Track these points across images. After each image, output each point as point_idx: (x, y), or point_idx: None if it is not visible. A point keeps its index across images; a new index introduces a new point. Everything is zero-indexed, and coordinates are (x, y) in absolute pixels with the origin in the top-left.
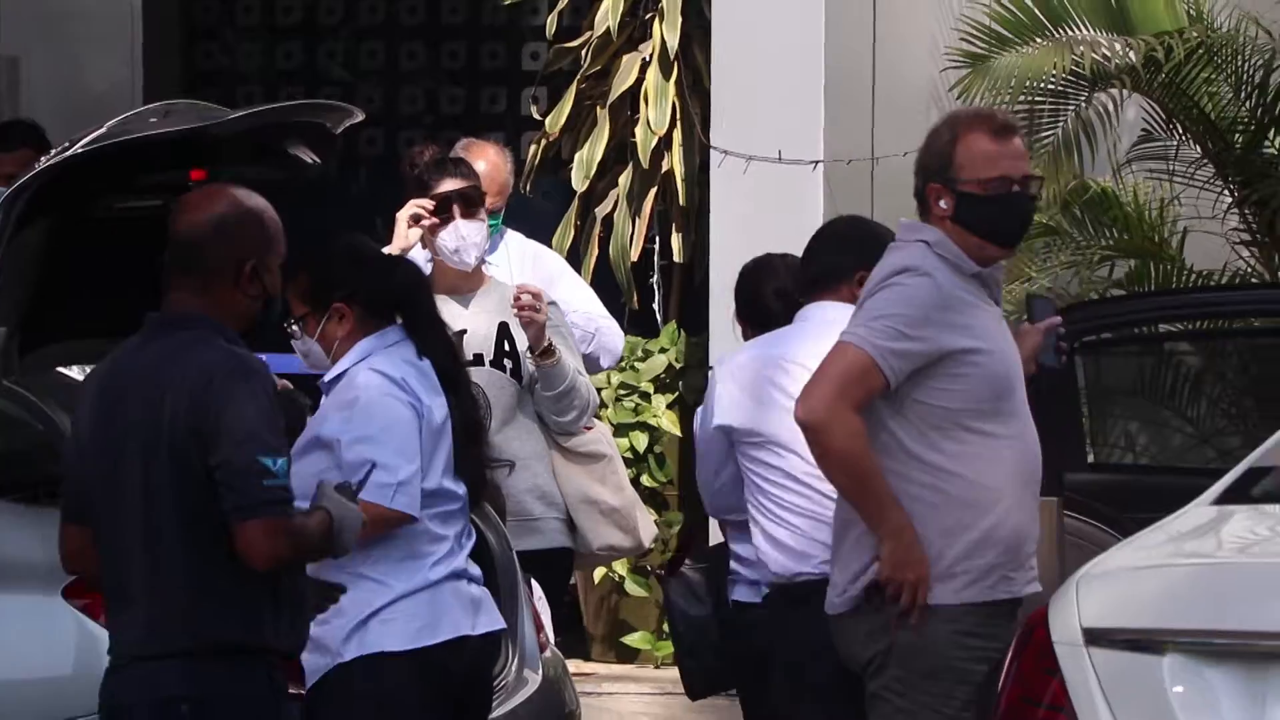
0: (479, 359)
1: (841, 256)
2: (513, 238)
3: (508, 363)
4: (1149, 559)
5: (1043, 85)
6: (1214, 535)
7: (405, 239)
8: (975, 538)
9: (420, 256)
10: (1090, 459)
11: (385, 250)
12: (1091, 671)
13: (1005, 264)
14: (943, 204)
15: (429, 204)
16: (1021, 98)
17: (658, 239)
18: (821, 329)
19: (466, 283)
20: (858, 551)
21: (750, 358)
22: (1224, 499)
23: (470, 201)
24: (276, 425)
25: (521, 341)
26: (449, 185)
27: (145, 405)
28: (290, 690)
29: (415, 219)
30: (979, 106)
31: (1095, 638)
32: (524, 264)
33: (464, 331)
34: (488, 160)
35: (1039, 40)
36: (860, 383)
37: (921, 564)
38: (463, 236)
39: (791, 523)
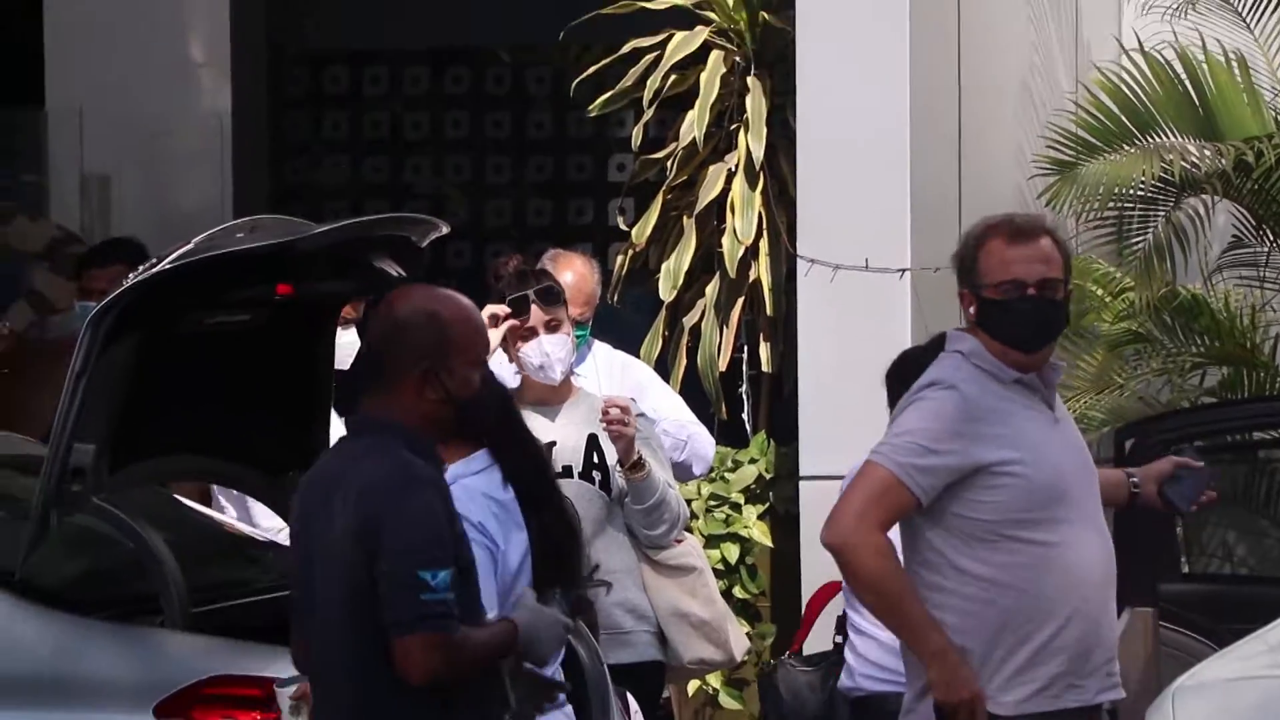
0: (568, 471)
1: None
2: (600, 348)
3: (597, 475)
4: (1245, 670)
5: (1131, 192)
6: None
7: None
8: (1034, 648)
9: (508, 371)
10: (1185, 569)
11: None
12: None
13: (1091, 371)
14: (971, 310)
15: (504, 309)
16: (1111, 204)
17: (746, 349)
18: None
19: (555, 395)
20: (919, 668)
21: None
22: None
23: (549, 301)
24: (442, 538)
25: (611, 454)
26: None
27: (324, 512)
28: None
29: (493, 320)
30: (1011, 212)
31: None
32: (612, 374)
33: (553, 443)
34: (574, 271)
35: (1126, 147)
36: (884, 501)
37: (971, 680)
38: (546, 352)
39: (853, 642)
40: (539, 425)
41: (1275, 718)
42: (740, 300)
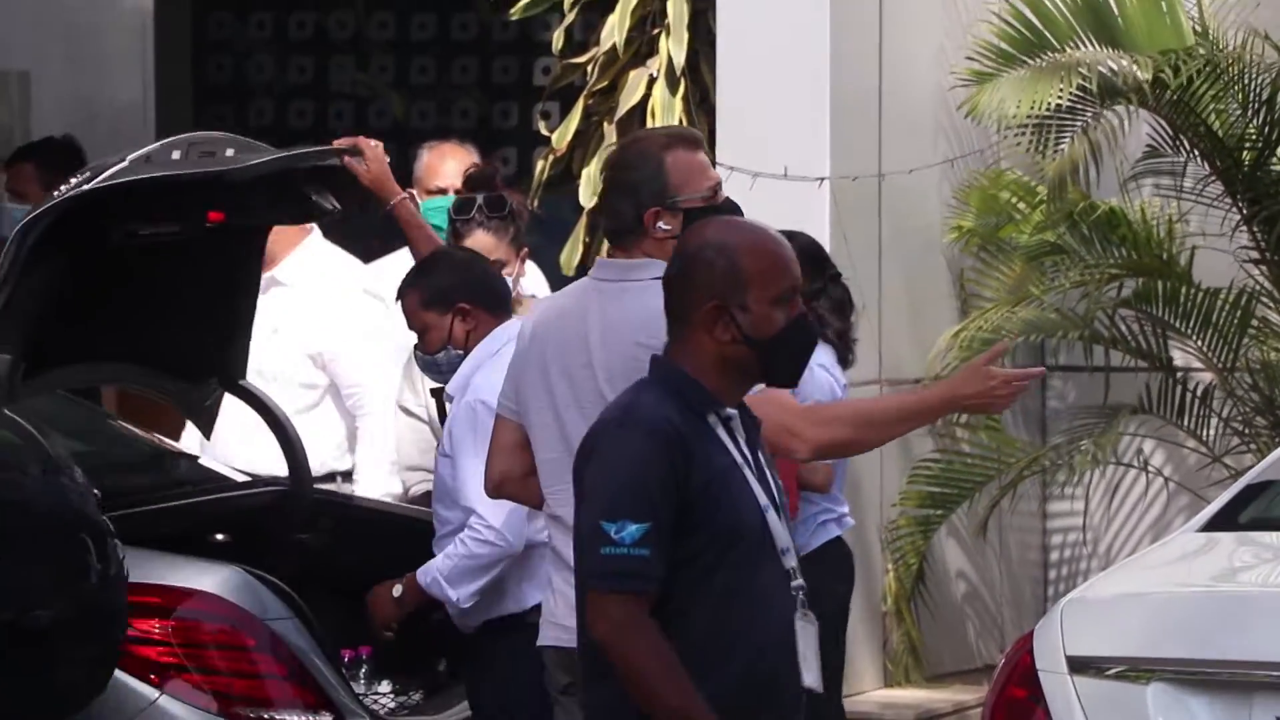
0: None
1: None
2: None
3: None
4: (1134, 587)
5: (1051, 103)
6: (1199, 563)
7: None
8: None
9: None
10: None
11: None
12: (1076, 699)
13: (1008, 283)
14: (663, 225)
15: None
16: (1030, 115)
17: None
18: None
19: None
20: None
21: None
22: (1211, 525)
23: (494, 212)
24: (639, 488)
25: None
26: (478, 235)
27: None
28: None
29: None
30: (656, 126)
31: (1079, 665)
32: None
33: None
34: (456, 159)
35: (1046, 58)
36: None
37: (961, 385)
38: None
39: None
40: None
41: (1160, 634)
42: None
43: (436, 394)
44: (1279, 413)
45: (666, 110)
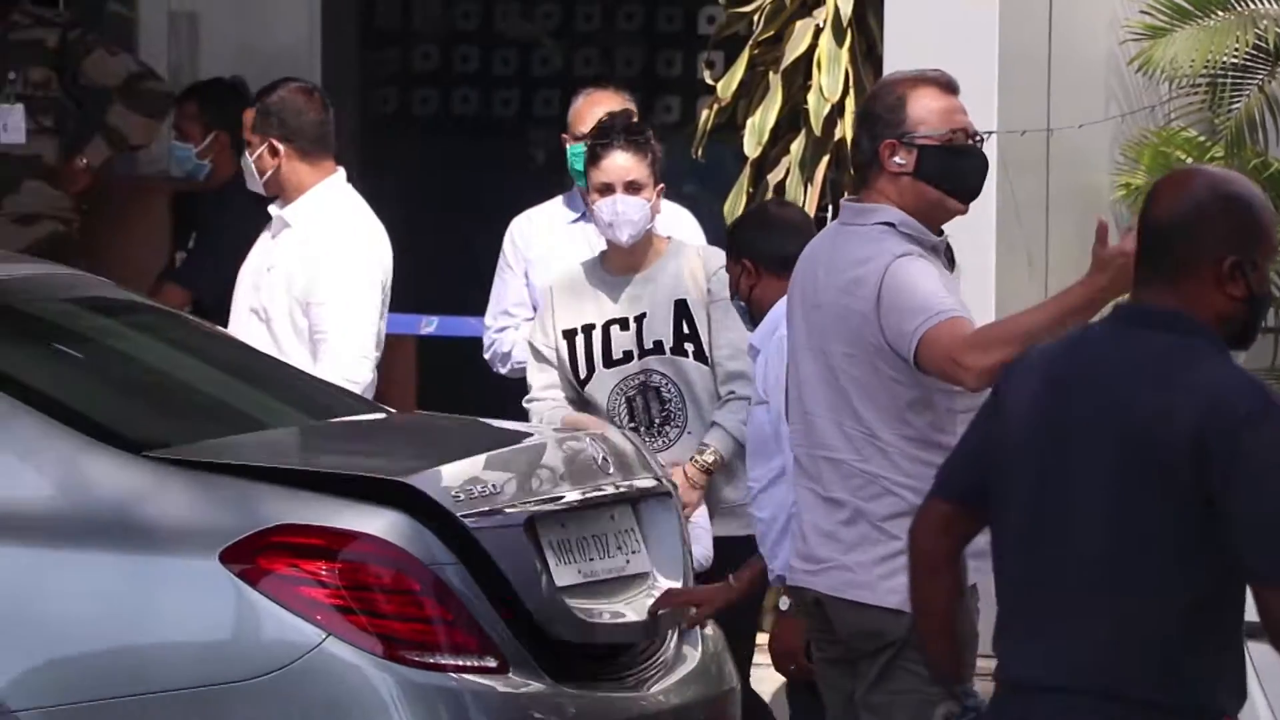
0: (659, 346)
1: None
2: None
3: (689, 346)
4: None
5: (1225, 60)
6: None
7: None
8: None
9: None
10: None
11: None
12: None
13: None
14: (898, 160)
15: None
16: (1203, 72)
17: (830, 208)
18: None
19: (641, 258)
20: (877, 534)
21: None
22: None
23: (632, 146)
24: None
25: (702, 322)
26: (616, 155)
27: (1113, 404)
28: None
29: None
30: (915, 69)
31: None
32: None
33: (643, 315)
34: (608, 108)
35: (1221, 13)
36: (962, 329)
37: (1097, 277)
38: (618, 211)
39: None
40: (630, 294)
41: None
42: (825, 158)
43: (568, 336)
44: None
45: (833, 61)
